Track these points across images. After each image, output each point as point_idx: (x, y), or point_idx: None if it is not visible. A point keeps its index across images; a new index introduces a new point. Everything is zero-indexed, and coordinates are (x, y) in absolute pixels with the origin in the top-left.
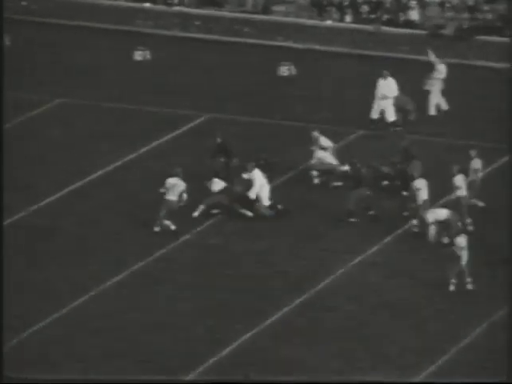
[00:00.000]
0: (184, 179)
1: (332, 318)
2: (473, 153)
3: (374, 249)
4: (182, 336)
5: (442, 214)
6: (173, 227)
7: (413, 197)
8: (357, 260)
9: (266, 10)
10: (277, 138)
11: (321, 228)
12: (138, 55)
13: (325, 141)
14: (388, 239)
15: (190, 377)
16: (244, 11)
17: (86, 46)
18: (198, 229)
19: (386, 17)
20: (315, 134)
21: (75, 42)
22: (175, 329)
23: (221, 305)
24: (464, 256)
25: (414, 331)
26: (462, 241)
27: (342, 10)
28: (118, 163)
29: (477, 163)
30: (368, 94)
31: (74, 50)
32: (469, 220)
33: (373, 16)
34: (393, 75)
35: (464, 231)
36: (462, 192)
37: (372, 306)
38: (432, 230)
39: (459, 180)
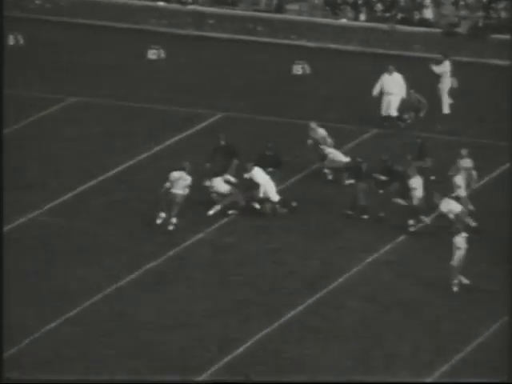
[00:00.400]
0: (194, 176)
1: (345, 316)
2: (464, 152)
3: (388, 247)
4: (196, 335)
5: (456, 207)
6: (171, 227)
7: (409, 196)
8: (370, 258)
9: (279, 9)
10: (290, 137)
11: (334, 226)
12: (152, 54)
13: (321, 132)
14: (401, 238)
15: (204, 376)
16: (257, 10)
17: (99, 45)
18: (212, 227)
19: (400, 15)
20: (312, 125)
21: (89, 40)
22: (189, 328)
23: (235, 303)
24: (458, 255)
25: (427, 330)
26: (459, 240)
27: (356, 8)
28: (132, 162)
29: (467, 162)
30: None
31: (87, 48)
32: (471, 219)
33: (387, 14)
34: (407, 73)
35: (467, 229)
36: (462, 192)
37: (385, 305)
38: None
39: (459, 179)
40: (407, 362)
